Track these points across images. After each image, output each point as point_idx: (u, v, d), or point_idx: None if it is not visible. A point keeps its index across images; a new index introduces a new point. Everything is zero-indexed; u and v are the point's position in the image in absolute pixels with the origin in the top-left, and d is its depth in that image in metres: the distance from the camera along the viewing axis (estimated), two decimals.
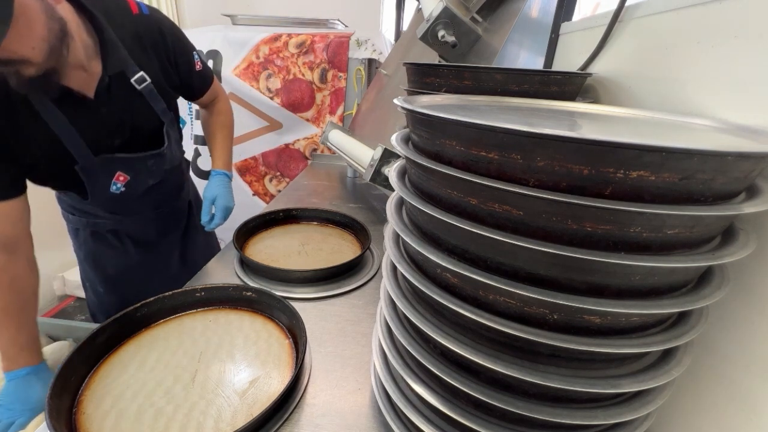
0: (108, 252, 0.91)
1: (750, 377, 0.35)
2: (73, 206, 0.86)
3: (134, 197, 0.83)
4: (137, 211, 0.90)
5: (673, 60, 0.46)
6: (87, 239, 0.89)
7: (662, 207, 0.24)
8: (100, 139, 0.73)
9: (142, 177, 0.82)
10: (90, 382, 0.49)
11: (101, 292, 0.94)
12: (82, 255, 0.92)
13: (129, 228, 0.91)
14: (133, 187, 0.81)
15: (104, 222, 0.87)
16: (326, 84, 1.80)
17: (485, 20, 0.92)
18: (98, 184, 0.76)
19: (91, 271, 0.93)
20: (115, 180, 0.77)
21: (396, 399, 0.39)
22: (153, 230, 0.95)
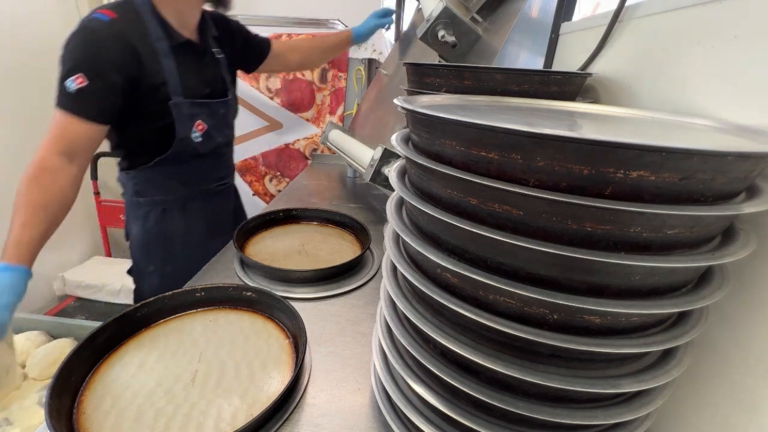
0: (178, 230, 1.01)
1: (750, 377, 0.35)
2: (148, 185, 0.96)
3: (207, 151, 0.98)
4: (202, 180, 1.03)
5: (673, 60, 0.46)
6: (159, 219, 0.98)
7: (662, 207, 0.24)
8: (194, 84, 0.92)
9: (213, 131, 0.98)
10: (90, 382, 0.49)
11: (169, 271, 1.00)
12: (152, 238, 0.99)
13: (194, 204, 1.02)
14: (207, 139, 0.97)
15: (175, 197, 0.99)
16: (326, 84, 1.80)
17: (485, 20, 0.92)
18: (184, 124, 0.91)
19: (160, 252, 1.01)
20: (195, 128, 0.93)
21: (396, 399, 0.39)
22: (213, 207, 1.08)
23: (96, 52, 0.77)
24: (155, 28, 0.84)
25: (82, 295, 1.88)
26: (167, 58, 0.85)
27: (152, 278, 1.03)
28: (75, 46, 0.77)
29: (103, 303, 1.86)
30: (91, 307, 1.84)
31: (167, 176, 0.96)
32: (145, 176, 0.95)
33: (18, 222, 0.70)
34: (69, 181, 0.78)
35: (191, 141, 0.93)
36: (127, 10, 0.82)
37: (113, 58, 0.78)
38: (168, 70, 0.86)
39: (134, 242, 1.02)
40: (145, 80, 0.83)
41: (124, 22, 0.80)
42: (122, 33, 0.79)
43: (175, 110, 0.88)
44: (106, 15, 0.79)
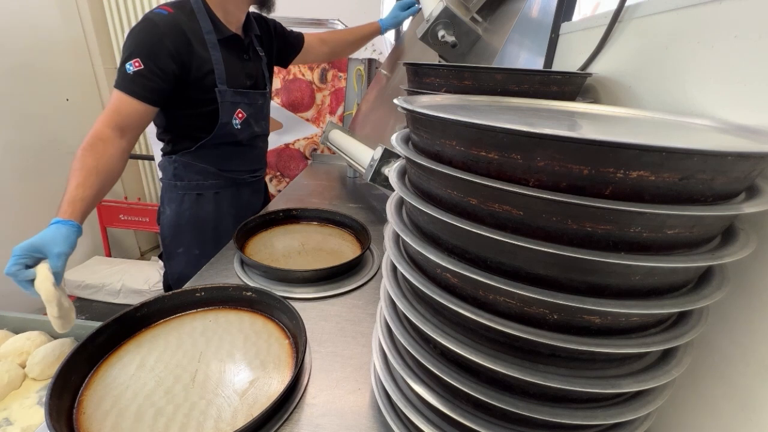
0: (209, 215, 1.08)
1: (749, 377, 0.35)
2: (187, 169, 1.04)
3: (244, 139, 1.07)
4: (238, 169, 1.11)
5: (673, 60, 0.46)
6: (193, 203, 1.07)
7: (662, 207, 0.24)
8: (237, 75, 1.01)
9: (252, 120, 1.07)
10: (90, 382, 0.49)
11: (197, 253, 1.07)
12: (184, 220, 1.07)
13: (227, 193, 1.10)
14: (246, 126, 1.05)
15: (211, 183, 1.07)
16: (326, 84, 1.80)
17: (485, 20, 0.92)
18: (226, 110, 0.99)
19: (189, 234, 1.08)
20: (235, 116, 1.02)
21: (396, 399, 0.39)
22: (245, 197, 1.16)
23: (155, 40, 0.86)
24: (206, 23, 0.94)
25: (82, 295, 1.88)
26: (215, 50, 0.95)
27: (179, 259, 1.10)
28: (137, 34, 0.86)
29: (103, 303, 1.86)
30: (91, 307, 1.84)
31: (206, 162, 1.04)
32: (184, 161, 1.03)
33: (73, 183, 0.76)
34: (119, 152, 0.85)
35: (232, 127, 1.02)
36: (183, 6, 0.93)
37: (169, 46, 0.87)
38: (216, 60, 0.95)
39: (165, 224, 1.09)
40: (195, 68, 0.92)
41: (180, 15, 0.90)
42: (178, 25, 0.89)
43: (220, 97, 0.97)
44: (166, 10, 0.90)
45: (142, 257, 2.50)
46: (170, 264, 1.13)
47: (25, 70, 1.73)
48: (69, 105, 1.94)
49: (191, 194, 1.07)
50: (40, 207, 1.77)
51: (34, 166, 1.76)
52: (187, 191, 1.07)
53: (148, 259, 2.46)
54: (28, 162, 1.73)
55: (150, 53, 0.86)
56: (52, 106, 1.87)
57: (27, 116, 1.75)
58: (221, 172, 1.08)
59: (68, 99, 1.94)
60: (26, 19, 1.73)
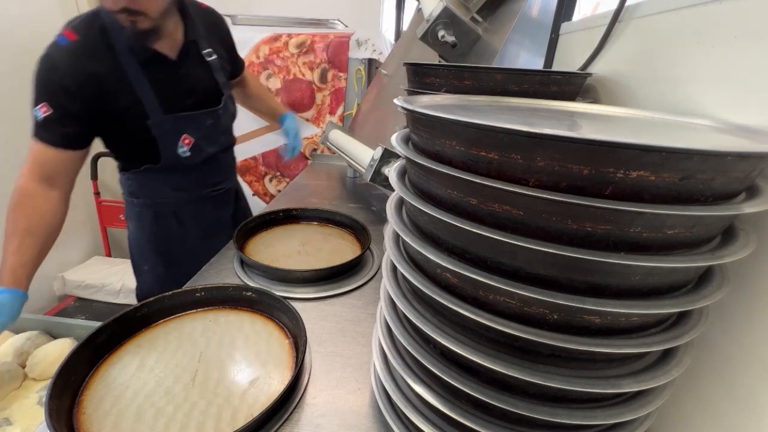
0: (171, 233, 1.00)
1: (750, 377, 0.35)
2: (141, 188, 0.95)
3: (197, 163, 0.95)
4: (197, 186, 1.00)
5: (673, 60, 0.46)
6: (151, 222, 0.98)
7: (662, 207, 0.24)
8: (173, 98, 0.86)
9: (203, 142, 0.94)
10: (90, 382, 0.49)
11: (162, 272, 1.01)
12: (144, 237, 0.99)
13: (188, 209, 1.00)
14: (196, 151, 0.93)
15: (167, 201, 0.97)
16: (326, 84, 1.80)
17: (485, 20, 0.92)
18: (168, 142, 0.88)
19: (153, 252, 1.00)
20: (181, 143, 0.89)
21: (396, 399, 0.39)
22: (209, 211, 1.05)
23: (54, 81, 0.75)
24: (121, 44, 0.78)
25: (82, 295, 1.88)
26: (138, 75, 0.80)
27: (147, 277, 1.04)
28: (38, 74, 0.76)
29: (103, 303, 1.86)
30: (91, 307, 1.84)
31: (159, 182, 0.94)
32: (137, 179, 0.94)
33: (9, 249, 0.72)
34: (52, 205, 0.78)
35: (179, 156, 0.90)
36: (91, 27, 0.77)
37: (71, 87, 0.74)
38: (141, 87, 0.81)
39: (130, 239, 1.03)
40: (115, 103, 0.79)
41: (86, 43, 0.76)
42: (80, 59, 0.75)
43: (156, 129, 0.85)
44: (67, 38, 0.75)
45: None
46: (139, 280, 1.06)
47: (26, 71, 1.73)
48: None
49: (148, 212, 0.98)
50: None
51: None
52: (144, 209, 0.98)
53: None
54: None
55: (53, 97, 0.75)
56: None
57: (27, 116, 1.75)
58: (177, 192, 0.97)
59: None
60: (27, 21, 1.73)
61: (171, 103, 0.85)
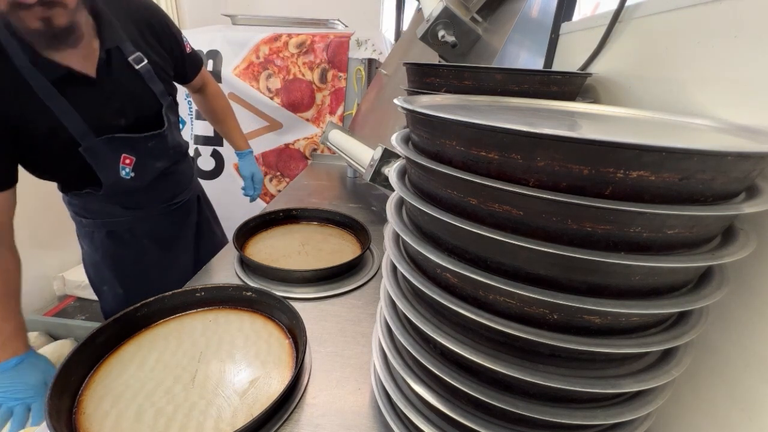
0: (126, 252, 0.90)
1: (750, 377, 0.35)
2: (88, 208, 0.85)
3: (145, 184, 0.83)
4: (150, 204, 0.89)
5: (673, 60, 0.46)
6: (104, 241, 0.88)
7: (662, 207, 0.24)
8: (103, 119, 0.73)
9: (148, 159, 0.81)
10: (90, 382, 0.49)
11: (121, 293, 0.92)
12: (99, 257, 0.90)
13: (144, 225, 0.90)
14: (142, 171, 0.80)
15: (120, 221, 0.87)
16: (326, 84, 1.80)
17: (485, 20, 0.92)
18: (106, 166, 0.75)
19: (109, 273, 0.91)
20: (122, 163, 0.77)
21: (396, 399, 0.39)
22: (167, 226, 0.95)
23: None
24: (23, 61, 0.63)
25: (82, 295, 1.88)
26: (53, 97, 0.66)
27: (107, 297, 0.95)
28: None
29: None
30: (91, 307, 1.84)
31: (104, 203, 0.83)
32: (81, 201, 0.83)
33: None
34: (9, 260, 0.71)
35: (122, 179, 0.78)
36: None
37: None
38: (60, 110, 0.67)
39: (85, 260, 0.94)
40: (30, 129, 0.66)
41: None
42: None
43: (89, 154, 0.72)
44: None
45: None
46: (101, 301, 0.97)
47: None
48: None
49: (100, 232, 0.87)
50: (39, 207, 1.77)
51: None
52: (95, 228, 0.86)
53: None
54: None
55: None
56: None
57: None
58: (128, 210, 0.86)
59: None
60: None
61: (101, 125, 0.72)
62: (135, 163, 0.79)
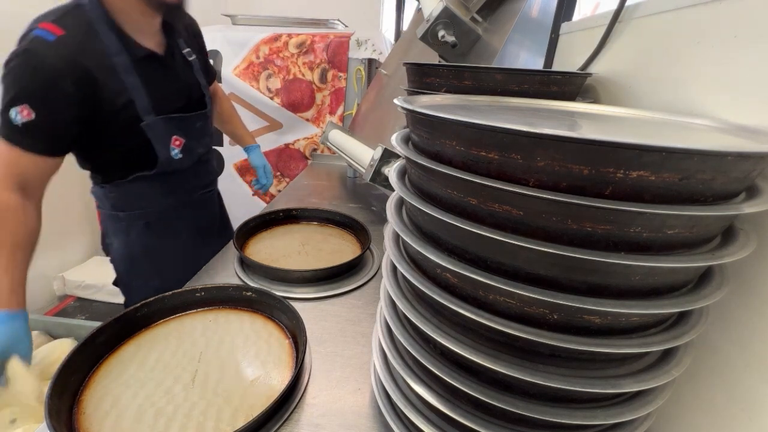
0: (163, 243, 0.95)
1: (750, 377, 0.35)
2: (128, 200, 0.89)
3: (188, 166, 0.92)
4: (188, 190, 0.97)
5: (673, 60, 0.46)
6: (141, 233, 0.92)
7: (662, 207, 0.24)
8: (164, 98, 0.83)
9: (193, 142, 0.92)
10: (90, 382, 0.49)
11: (157, 284, 0.93)
12: (137, 252, 0.93)
13: (180, 214, 0.96)
14: (188, 152, 0.90)
15: (157, 211, 0.92)
16: (326, 84, 1.80)
17: (485, 20, 0.92)
18: (161, 143, 0.84)
19: (147, 265, 0.94)
20: (172, 144, 0.86)
21: (396, 399, 0.39)
22: (201, 215, 1.03)
23: (42, 81, 0.67)
24: (112, 41, 0.73)
25: (82, 295, 1.88)
26: (130, 75, 0.76)
27: (140, 292, 0.95)
28: (18, 71, 0.67)
29: (103, 303, 1.86)
30: (91, 307, 1.84)
31: (147, 190, 0.88)
32: (122, 191, 0.87)
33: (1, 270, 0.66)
34: (32, 216, 0.72)
35: (171, 159, 0.86)
36: (77, 20, 0.70)
37: (64, 89, 0.68)
38: (134, 87, 0.76)
39: (117, 257, 0.96)
40: (107, 102, 0.74)
41: (74, 38, 0.69)
42: (72, 55, 0.68)
43: (150, 131, 0.80)
44: (51, 32, 0.67)
45: None
46: (130, 297, 0.98)
47: None
48: None
49: (138, 224, 0.91)
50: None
51: None
52: (133, 221, 0.90)
53: None
54: None
55: (41, 100, 0.67)
56: None
57: None
58: (167, 198, 0.92)
59: None
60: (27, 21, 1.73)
61: (162, 105, 0.82)
62: (183, 145, 0.89)
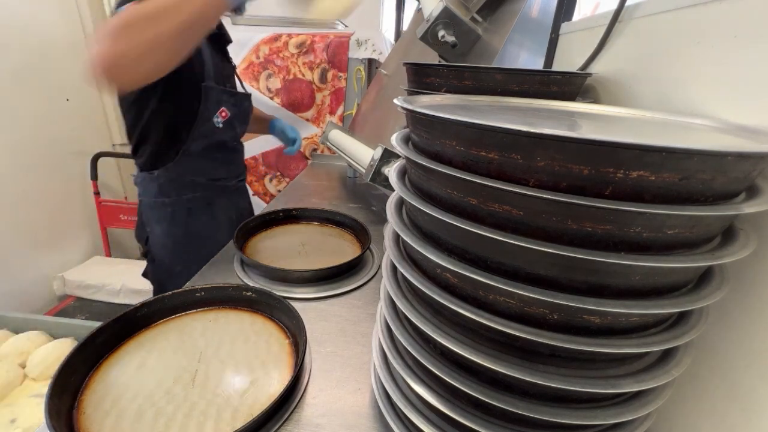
0: (204, 229, 1.03)
1: (750, 377, 0.35)
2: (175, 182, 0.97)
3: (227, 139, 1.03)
4: (225, 176, 1.07)
5: (673, 60, 0.46)
6: (185, 219, 1.00)
7: (662, 207, 0.24)
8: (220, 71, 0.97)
9: (236, 120, 1.02)
10: (90, 382, 0.49)
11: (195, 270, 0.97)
12: (180, 238, 1.00)
13: (219, 201, 1.06)
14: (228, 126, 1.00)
15: (201, 195, 1.01)
16: (326, 84, 1.80)
17: (485, 20, 0.92)
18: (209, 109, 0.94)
19: (188, 251, 1.00)
20: (218, 114, 0.97)
21: (396, 399, 0.39)
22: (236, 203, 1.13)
23: None
24: None
25: (82, 295, 1.88)
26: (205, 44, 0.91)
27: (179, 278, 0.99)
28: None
29: (103, 303, 1.86)
30: (91, 307, 1.84)
31: (193, 173, 0.98)
32: (169, 175, 0.96)
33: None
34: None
35: (213, 125, 0.96)
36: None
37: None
38: (206, 54, 0.91)
39: (157, 243, 1.01)
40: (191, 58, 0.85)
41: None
42: None
43: (205, 93, 0.92)
44: None
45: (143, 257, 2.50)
46: (169, 284, 1.02)
47: (25, 71, 1.73)
48: (69, 105, 1.95)
49: (182, 210, 0.99)
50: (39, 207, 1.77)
51: (34, 166, 1.76)
52: (177, 207, 0.98)
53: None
54: (27, 162, 1.73)
55: None
56: (52, 106, 1.87)
57: (27, 116, 1.75)
58: (211, 182, 1.02)
59: (68, 99, 1.94)
60: (26, 20, 1.73)
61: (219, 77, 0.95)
62: (227, 118, 0.99)
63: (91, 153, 1.99)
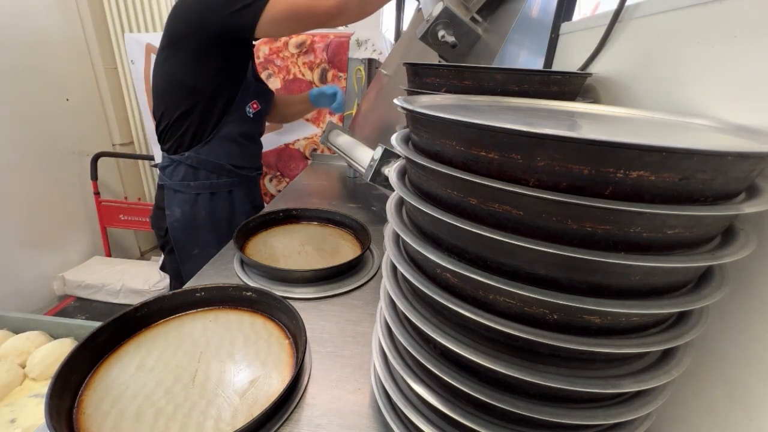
0: (225, 214, 1.14)
1: (750, 377, 0.35)
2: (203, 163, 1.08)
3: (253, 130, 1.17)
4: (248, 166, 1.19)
5: (673, 60, 0.46)
6: (207, 203, 1.11)
7: (662, 207, 0.24)
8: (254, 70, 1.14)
9: (263, 114, 1.19)
10: (90, 382, 0.49)
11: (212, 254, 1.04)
12: (200, 221, 1.11)
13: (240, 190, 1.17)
14: (257, 118, 1.16)
15: (225, 182, 1.12)
16: (326, 84, 1.80)
17: (485, 20, 0.92)
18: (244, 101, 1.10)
19: (206, 234, 1.12)
20: (249, 105, 1.13)
21: (396, 399, 0.39)
22: (251, 192, 1.23)
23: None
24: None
25: (82, 295, 1.88)
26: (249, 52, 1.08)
27: (196, 260, 1.11)
28: None
29: (103, 303, 1.86)
30: (91, 307, 1.84)
31: (219, 158, 1.09)
32: (199, 157, 1.07)
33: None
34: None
35: (245, 114, 1.11)
36: None
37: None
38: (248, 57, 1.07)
39: (177, 227, 1.11)
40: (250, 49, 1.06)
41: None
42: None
43: (245, 86, 1.08)
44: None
45: (142, 257, 2.50)
46: (185, 266, 1.14)
47: (25, 71, 1.73)
48: (69, 105, 1.95)
49: (205, 194, 1.10)
50: (39, 207, 1.77)
51: (34, 166, 1.76)
52: (201, 191, 1.09)
53: (148, 259, 2.46)
54: (27, 162, 1.73)
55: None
56: (52, 106, 1.87)
57: (27, 116, 1.75)
58: (234, 169, 1.13)
59: (68, 99, 1.94)
60: (26, 20, 1.73)
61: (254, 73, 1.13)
62: (257, 111, 1.15)
63: (91, 153, 2.00)
